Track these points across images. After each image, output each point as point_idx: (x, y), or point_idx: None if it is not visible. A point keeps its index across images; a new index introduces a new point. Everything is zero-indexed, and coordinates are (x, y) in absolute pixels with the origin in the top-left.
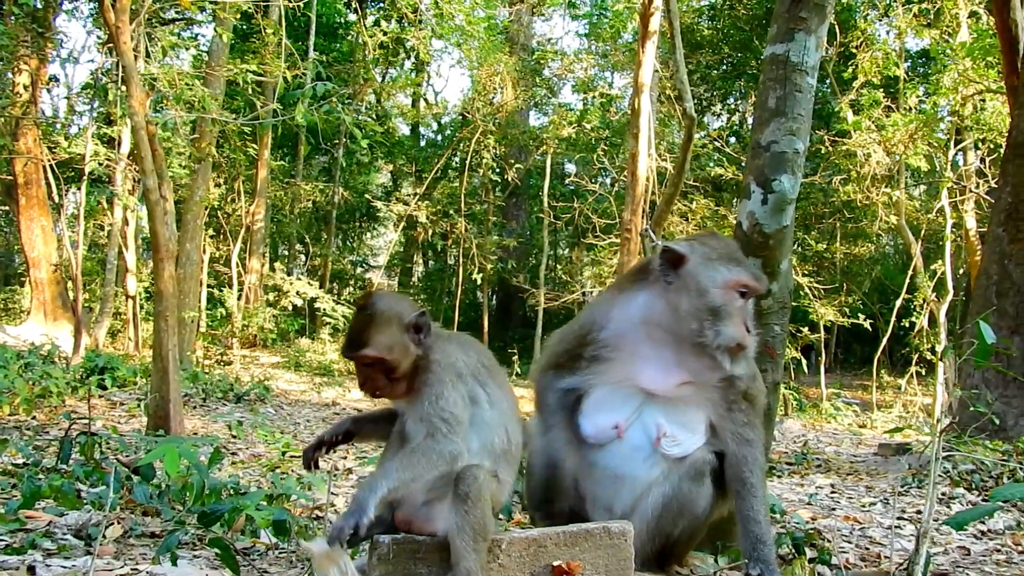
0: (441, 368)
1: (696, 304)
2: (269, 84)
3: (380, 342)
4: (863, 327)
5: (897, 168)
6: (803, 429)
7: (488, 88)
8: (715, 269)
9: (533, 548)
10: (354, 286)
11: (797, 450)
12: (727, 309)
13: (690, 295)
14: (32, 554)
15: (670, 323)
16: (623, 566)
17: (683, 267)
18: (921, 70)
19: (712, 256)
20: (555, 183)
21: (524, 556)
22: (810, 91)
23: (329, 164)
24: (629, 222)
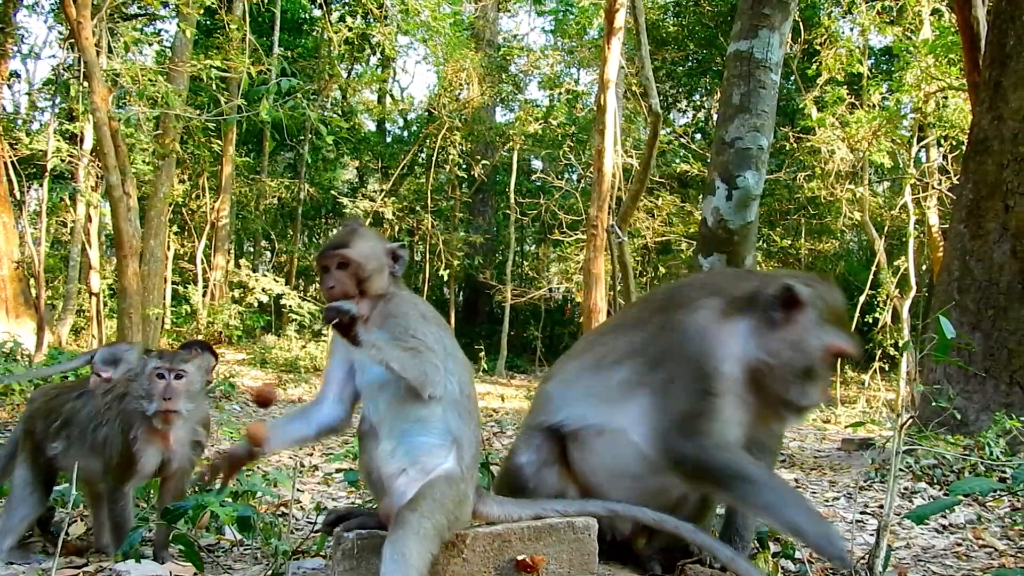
0: (409, 307)
1: (795, 359)
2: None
3: (361, 248)
4: None
5: (861, 165)
6: None
7: (454, 84)
8: (826, 331)
9: (497, 543)
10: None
11: None
12: (820, 372)
13: (792, 347)
14: None
15: (763, 367)
16: (587, 560)
17: (797, 314)
18: (884, 67)
19: (826, 316)
20: (521, 179)
21: (488, 551)
22: (774, 87)
23: (294, 160)
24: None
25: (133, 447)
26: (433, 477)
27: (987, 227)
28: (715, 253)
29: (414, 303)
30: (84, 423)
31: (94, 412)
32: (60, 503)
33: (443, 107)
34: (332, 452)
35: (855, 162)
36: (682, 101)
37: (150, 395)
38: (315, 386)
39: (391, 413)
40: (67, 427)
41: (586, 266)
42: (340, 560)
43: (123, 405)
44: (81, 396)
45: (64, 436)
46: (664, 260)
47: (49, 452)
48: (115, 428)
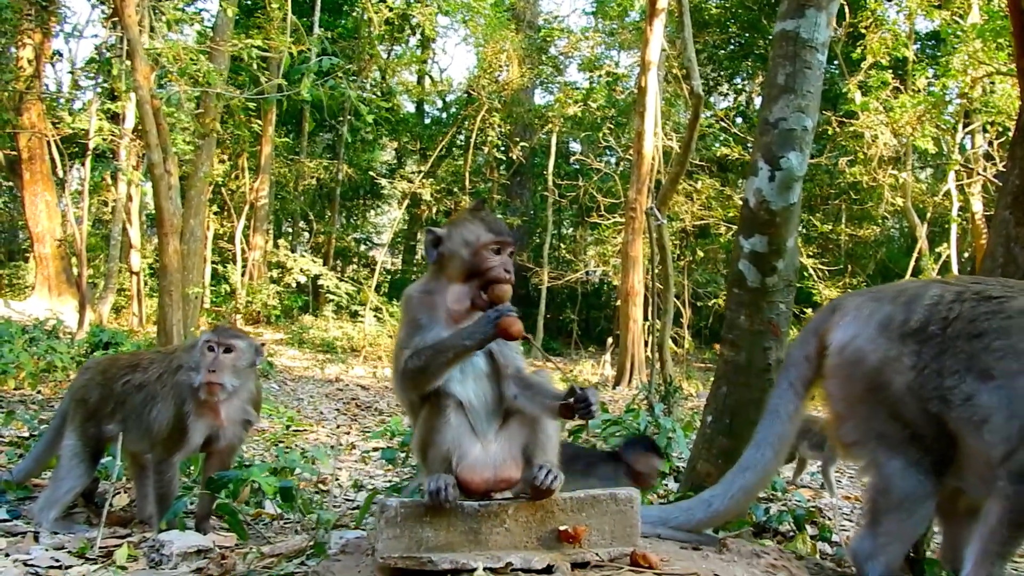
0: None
1: None
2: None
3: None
4: None
5: (904, 150)
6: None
7: (493, 66)
8: None
9: (540, 514)
10: (358, 263)
11: None
12: None
13: None
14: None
15: None
16: (629, 532)
17: None
18: (930, 52)
19: None
20: (560, 162)
21: (531, 521)
22: (820, 68)
23: (333, 141)
24: (634, 201)
25: (185, 420)
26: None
27: None
28: (756, 235)
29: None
30: (138, 402)
31: (148, 389)
32: (103, 475)
33: (482, 88)
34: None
35: (898, 147)
36: (723, 84)
37: (198, 367)
38: (351, 366)
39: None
40: (122, 407)
41: (624, 249)
42: (384, 528)
43: (177, 378)
44: (136, 371)
45: (120, 418)
46: (702, 244)
47: (105, 431)
48: (168, 401)
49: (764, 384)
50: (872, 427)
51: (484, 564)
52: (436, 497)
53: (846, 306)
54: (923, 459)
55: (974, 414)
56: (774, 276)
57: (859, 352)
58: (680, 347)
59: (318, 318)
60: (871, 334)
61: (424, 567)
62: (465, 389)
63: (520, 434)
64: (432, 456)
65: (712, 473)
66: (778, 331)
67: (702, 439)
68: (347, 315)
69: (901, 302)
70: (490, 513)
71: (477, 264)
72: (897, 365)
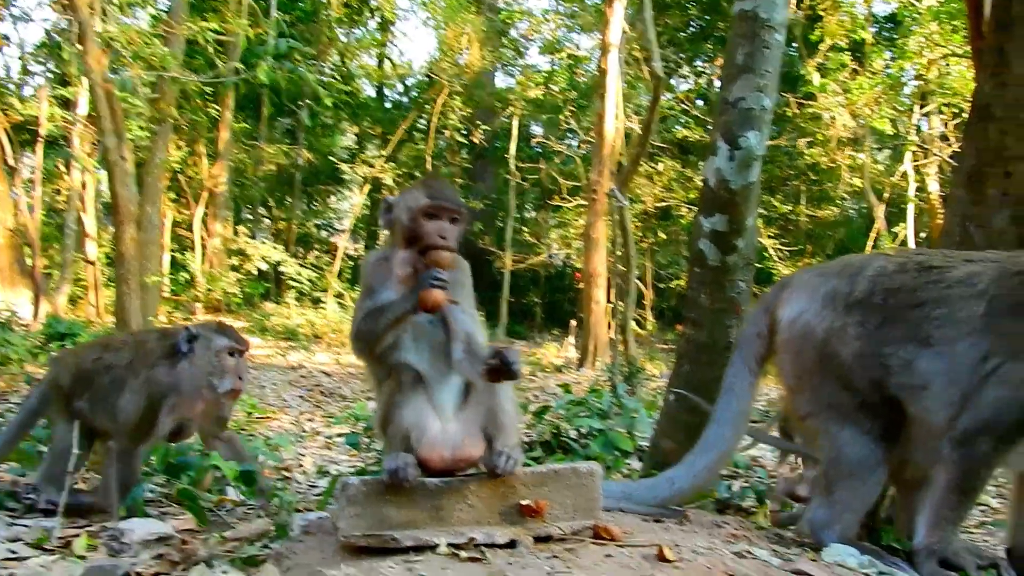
0: (469, 276)
1: None
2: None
3: (465, 210)
4: None
5: (862, 131)
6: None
7: (454, 49)
8: None
9: (502, 489)
10: (319, 250)
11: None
12: None
13: None
14: None
15: None
16: (590, 505)
17: None
18: (887, 34)
19: None
20: (522, 145)
21: (493, 497)
22: (778, 48)
23: (293, 126)
24: (596, 183)
25: (159, 413)
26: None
27: (988, 193)
28: (717, 214)
29: (470, 273)
30: (105, 382)
31: (115, 373)
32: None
33: (443, 72)
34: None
35: (856, 129)
36: (684, 67)
37: (221, 373)
38: (314, 353)
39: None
40: (89, 385)
41: (586, 231)
42: (346, 506)
43: (154, 371)
44: (107, 351)
45: (87, 396)
46: (664, 226)
47: (75, 409)
48: (140, 393)
49: (726, 362)
50: (823, 398)
51: (447, 540)
52: (395, 476)
53: (794, 282)
54: (872, 427)
55: (915, 380)
56: (734, 255)
57: (807, 325)
58: (643, 328)
59: (280, 305)
60: (817, 307)
61: (387, 545)
62: (423, 362)
63: (480, 413)
64: (392, 433)
65: (675, 451)
66: (739, 309)
67: (665, 417)
68: (309, 302)
69: (847, 275)
70: (452, 490)
71: (415, 229)
72: (843, 335)
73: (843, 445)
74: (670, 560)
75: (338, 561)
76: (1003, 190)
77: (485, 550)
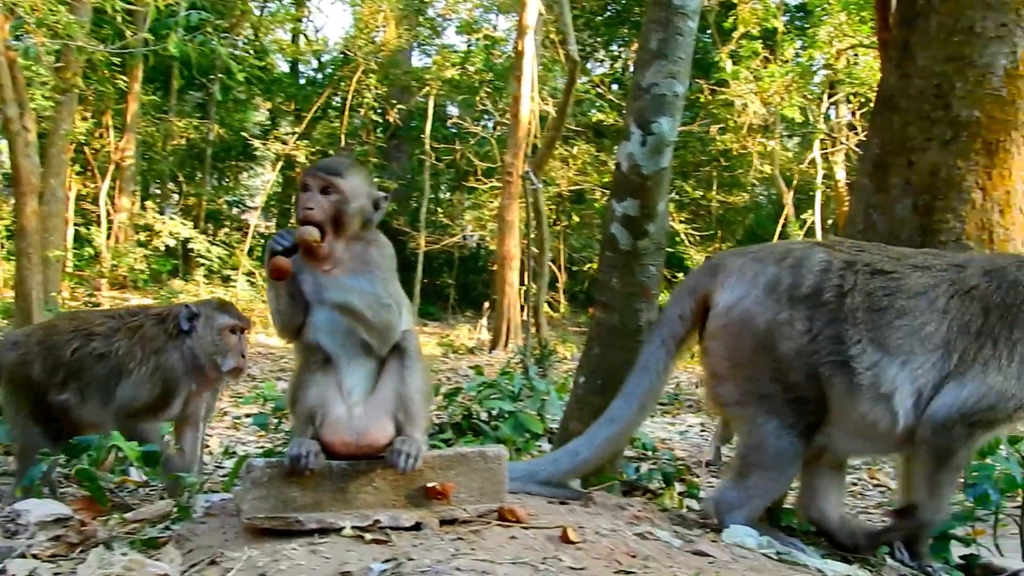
0: (388, 256)
1: None
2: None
3: (353, 182)
4: None
5: (772, 119)
6: (677, 371)
7: (370, 26)
8: None
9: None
10: (230, 227)
11: (670, 391)
12: None
13: None
14: None
15: None
16: (497, 488)
17: None
18: (799, 23)
19: None
20: (437, 125)
21: (399, 480)
22: (691, 35)
23: (204, 100)
24: (511, 165)
25: (174, 394)
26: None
27: (891, 182)
28: (628, 198)
29: (391, 255)
30: (101, 372)
31: (113, 360)
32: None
33: (358, 49)
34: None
35: (767, 116)
36: (600, 51)
37: (224, 351)
38: None
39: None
40: (77, 376)
41: (500, 213)
42: (250, 488)
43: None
44: (91, 339)
45: (75, 387)
46: (578, 209)
47: (57, 402)
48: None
49: (636, 345)
50: (754, 388)
51: (352, 523)
52: (296, 463)
53: (728, 266)
54: (798, 422)
55: (879, 385)
56: (645, 239)
57: (747, 314)
58: (556, 311)
59: (188, 283)
60: (759, 296)
61: (291, 527)
62: (334, 344)
63: (389, 399)
64: (298, 413)
65: None
66: (649, 293)
67: (575, 400)
68: (219, 279)
69: (788, 265)
70: (358, 472)
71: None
72: (787, 329)
73: (767, 436)
74: (574, 541)
75: (241, 543)
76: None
77: (390, 532)
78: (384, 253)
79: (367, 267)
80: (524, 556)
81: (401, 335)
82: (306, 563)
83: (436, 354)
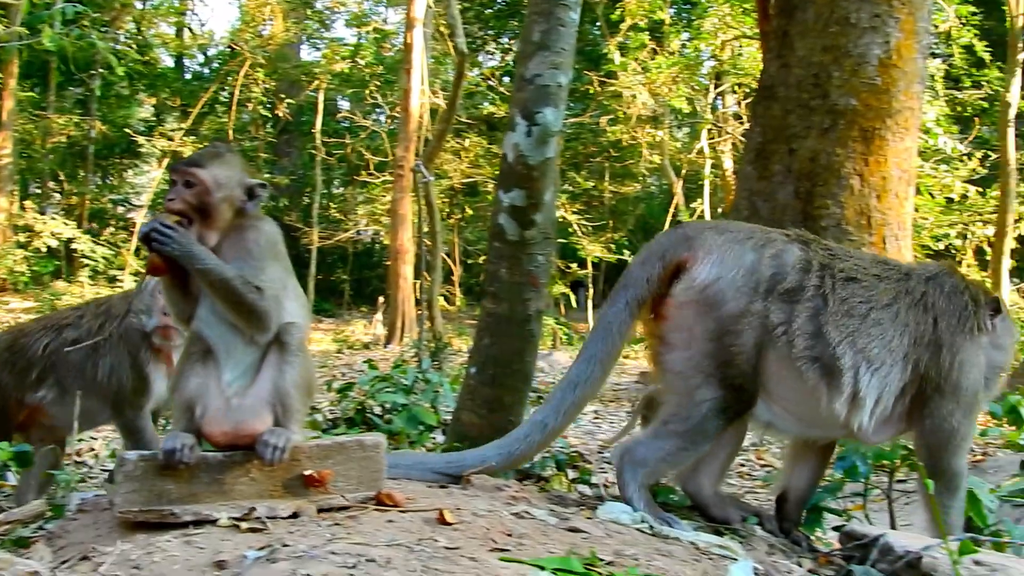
0: (266, 242)
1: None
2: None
3: (216, 173)
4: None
5: (661, 110)
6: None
7: (257, 19)
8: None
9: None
10: (115, 226)
11: None
12: None
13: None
14: None
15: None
16: (376, 476)
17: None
18: (685, 15)
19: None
20: (328, 120)
21: (276, 470)
22: (573, 25)
23: (85, 96)
24: (402, 159)
25: (144, 368)
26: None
27: (773, 169)
28: (515, 189)
29: (273, 240)
30: (76, 360)
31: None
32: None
33: (245, 43)
34: None
35: (656, 107)
36: (490, 44)
37: (150, 310)
38: None
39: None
40: (54, 370)
41: (393, 207)
42: (123, 482)
43: (123, 325)
44: (61, 331)
45: (51, 383)
46: (471, 202)
47: (32, 400)
48: (120, 351)
49: (525, 334)
50: (703, 364)
51: (228, 514)
52: (171, 457)
53: (707, 242)
54: (731, 406)
55: (854, 386)
56: (533, 229)
57: (721, 295)
58: (451, 304)
59: (72, 284)
60: (736, 281)
61: (165, 519)
62: (215, 334)
63: (267, 390)
64: (176, 403)
65: (476, 423)
66: (537, 282)
67: (467, 390)
68: (105, 280)
69: (769, 256)
70: (234, 463)
71: None
72: (756, 319)
73: (698, 410)
74: (450, 523)
75: (114, 538)
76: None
77: (267, 521)
78: (261, 239)
79: (240, 253)
80: (400, 538)
81: (283, 327)
82: (180, 554)
83: (331, 350)
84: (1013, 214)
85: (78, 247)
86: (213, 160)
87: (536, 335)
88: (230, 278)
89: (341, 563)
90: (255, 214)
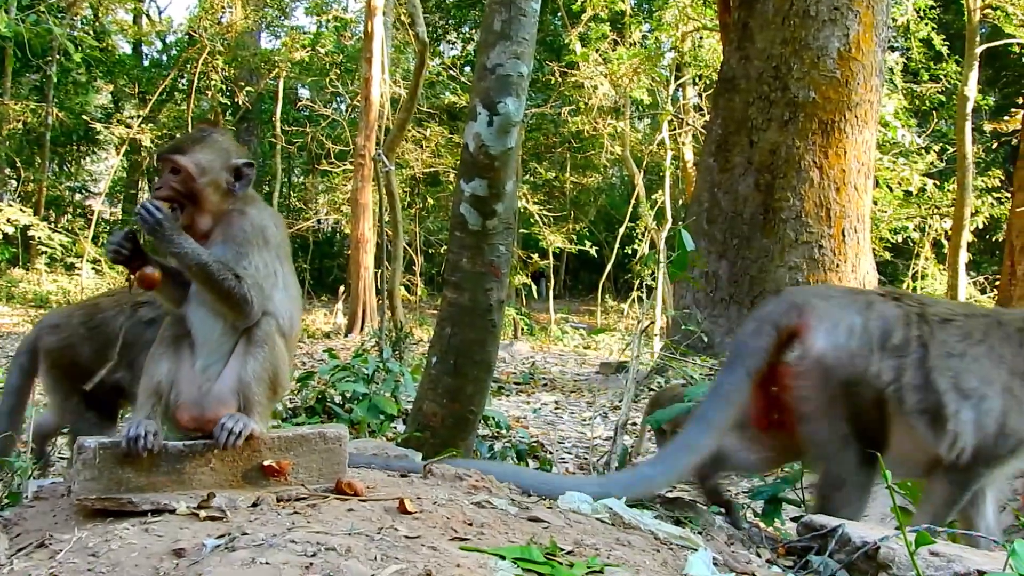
0: (252, 228)
1: None
2: None
3: (198, 158)
4: (590, 254)
5: (622, 101)
6: (532, 351)
7: (216, 6)
8: None
9: (247, 452)
10: (72, 213)
11: (525, 370)
12: None
13: None
14: None
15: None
16: (337, 469)
17: None
18: (645, 6)
19: None
20: (288, 108)
21: (237, 460)
22: (534, 15)
23: (41, 82)
24: (362, 148)
25: None
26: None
27: (734, 161)
28: (476, 178)
29: (262, 225)
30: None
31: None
32: None
33: (204, 30)
34: None
35: (617, 98)
36: (451, 33)
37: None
38: None
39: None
40: (129, 351)
41: (354, 196)
42: (81, 469)
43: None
44: (139, 307)
45: (127, 363)
46: (433, 191)
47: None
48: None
49: (487, 324)
50: (837, 428)
51: (187, 503)
52: (134, 444)
53: (817, 309)
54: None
55: (957, 427)
56: (494, 219)
57: (839, 361)
58: (413, 294)
59: (29, 271)
60: (851, 346)
61: (124, 507)
62: (195, 317)
63: (231, 378)
64: (143, 386)
65: (437, 413)
66: (498, 272)
67: (428, 380)
68: (62, 268)
69: (874, 317)
70: (195, 453)
71: None
72: (873, 378)
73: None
74: (411, 512)
75: (72, 525)
76: (748, 159)
77: (226, 510)
78: (247, 225)
79: (226, 239)
80: (360, 527)
81: (261, 317)
82: (139, 542)
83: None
84: (969, 208)
85: (35, 234)
86: (195, 144)
87: (498, 325)
88: (207, 263)
89: (301, 551)
90: (248, 197)
